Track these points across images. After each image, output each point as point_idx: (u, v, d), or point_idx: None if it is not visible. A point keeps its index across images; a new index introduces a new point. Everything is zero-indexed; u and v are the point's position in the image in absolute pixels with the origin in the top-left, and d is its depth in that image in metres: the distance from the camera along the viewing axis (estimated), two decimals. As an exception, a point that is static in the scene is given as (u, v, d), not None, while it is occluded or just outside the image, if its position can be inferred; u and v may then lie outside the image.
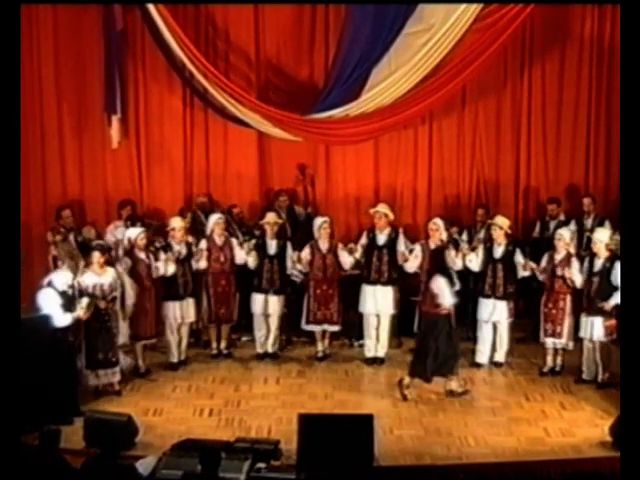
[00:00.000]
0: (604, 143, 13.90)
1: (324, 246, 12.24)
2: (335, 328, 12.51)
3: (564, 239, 11.61)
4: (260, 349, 12.51)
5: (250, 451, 8.81)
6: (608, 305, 11.02)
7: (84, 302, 10.50)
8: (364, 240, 12.29)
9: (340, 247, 12.32)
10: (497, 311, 11.89)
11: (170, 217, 12.74)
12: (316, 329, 12.46)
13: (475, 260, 11.99)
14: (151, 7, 12.71)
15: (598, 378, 11.26)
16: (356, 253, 12.20)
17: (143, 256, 11.68)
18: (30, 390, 9.43)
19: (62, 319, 10.27)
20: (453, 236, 12.41)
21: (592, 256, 11.34)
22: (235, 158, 13.94)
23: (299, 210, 13.68)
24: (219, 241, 12.32)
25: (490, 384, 11.58)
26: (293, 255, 12.26)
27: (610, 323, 11.03)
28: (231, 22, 13.66)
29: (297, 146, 13.76)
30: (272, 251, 12.32)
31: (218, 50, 13.67)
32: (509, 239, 11.98)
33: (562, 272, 11.46)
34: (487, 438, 9.95)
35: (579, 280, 11.40)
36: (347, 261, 12.27)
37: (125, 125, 13.66)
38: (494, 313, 11.91)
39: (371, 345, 12.35)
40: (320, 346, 12.50)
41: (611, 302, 11.00)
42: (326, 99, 13.30)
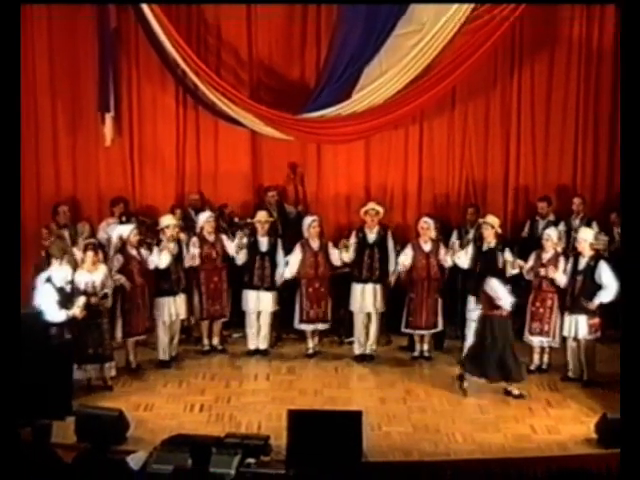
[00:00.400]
0: (592, 144, 13.97)
1: (315, 245, 12.32)
2: (326, 326, 12.61)
3: (552, 239, 11.70)
4: (251, 346, 12.56)
5: (240, 446, 8.85)
6: (592, 305, 11.12)
7: (80, 301, 10.56)
8: (353, 239, 12.36)
9: (331, 245, 12.42)
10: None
11: (162, 214, 12.78)
12: (309, 328, 12.53)
13: (464, 257, 12.06)
14: (145, 7, 12.75)
15: (583, 376, 11.33)
16: (351, 248, 12.27)
17: (135, 253, 11.74)
18: (22, 386, 9.40)
19: (57, 315, 10.31)
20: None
21: (577, 255, 11.40)
22: (227, 157, 14.00)
23: (290, 209, 13.72)
24: (210, 238, 12.39)
25: (478, 382, 11.47)
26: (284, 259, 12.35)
27: (594, 321, 11.13)
28: (223, 22, 13.68)
29: (288, 145, 13.79)
30: (263, 248, 12.40)
31: (210, 49, 13.70)
32: (499, 238, 12.05)
33: (546, 272, 11.54)
34: (474, 435, 10.00)
35: (563, 280, 11.48)
36: (338, 258, 12.35)
37: (118, 123, 13.70)
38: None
39: (361, 342, 12.41)
40: (310, 343, 12.56)
41: (595, 302, 11.11)
42: (317, 99, 13.34)
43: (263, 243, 12.43)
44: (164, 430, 9.71)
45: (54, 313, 10.29)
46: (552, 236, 11.75)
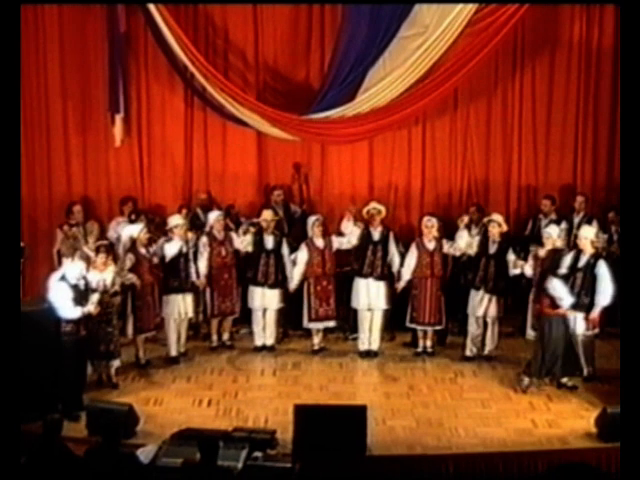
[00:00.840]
0: (592, 144, 14.04)
1: (319, 243, 12.44)
2: (333, 323, 12.74)
3: (552, 238, 11.76)
4: (258, 342, 12.67)
5: (247, 440, 8.96)
6: (593, 315, 11.13)
7: (95, 298, 10.60)
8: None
9: (334, 237, 12.56)
10: (485, 304, 12.04)
11: (170, 213, 12.92)
12: (319, 327, 12.64)
13: (474, 244, 12.17)
14: (153, 10, 12.89)
15: (584, 371, 11.33)
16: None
17: (144, 251, 11.84)
18: (33, 382, 9.63)
19: (72, 312, 10.33)
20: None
21: (577, 252, 11.38)
22: (234, 157, 14.10)
23: (294, 208, 13.81)
24: (219, 236, 12.55)
25: (479, 377, 11.75)
26: (291, 256, 12.50)
27: (593, 317, 11.14)
28: (230, 25, 13.80)
29: (294, 145, 13.91)
30: (269, 246, 12.53)
31: (218, 52, 13.81)
32: (503, 237, 12.13)
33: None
34: (476, 429, 10.12)
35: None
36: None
37: (128, 124, 13.83)
38: (482, 306, 12.06)
39: (365, 338, 12.50)
40: (316, 339, 12.66)
41: (595, 313, 11.12)
42: (322, 100, 13.44)
43: (269, 241, 12.56)
44: (173, 424, 9.83)
45: (69, 310, 10.32)
46: (552, 235, 11.82)
